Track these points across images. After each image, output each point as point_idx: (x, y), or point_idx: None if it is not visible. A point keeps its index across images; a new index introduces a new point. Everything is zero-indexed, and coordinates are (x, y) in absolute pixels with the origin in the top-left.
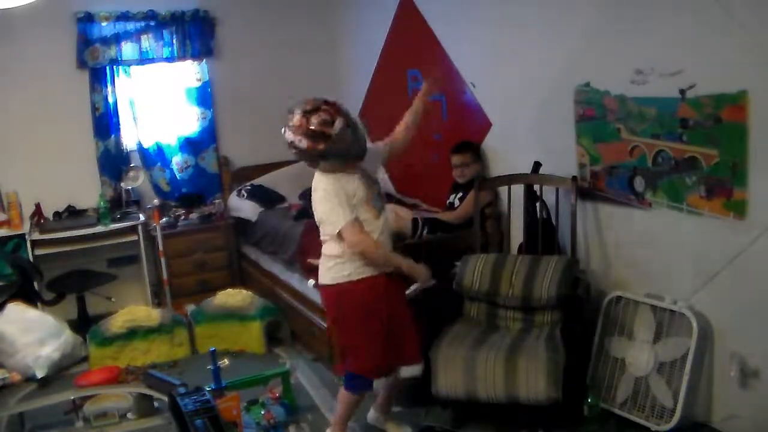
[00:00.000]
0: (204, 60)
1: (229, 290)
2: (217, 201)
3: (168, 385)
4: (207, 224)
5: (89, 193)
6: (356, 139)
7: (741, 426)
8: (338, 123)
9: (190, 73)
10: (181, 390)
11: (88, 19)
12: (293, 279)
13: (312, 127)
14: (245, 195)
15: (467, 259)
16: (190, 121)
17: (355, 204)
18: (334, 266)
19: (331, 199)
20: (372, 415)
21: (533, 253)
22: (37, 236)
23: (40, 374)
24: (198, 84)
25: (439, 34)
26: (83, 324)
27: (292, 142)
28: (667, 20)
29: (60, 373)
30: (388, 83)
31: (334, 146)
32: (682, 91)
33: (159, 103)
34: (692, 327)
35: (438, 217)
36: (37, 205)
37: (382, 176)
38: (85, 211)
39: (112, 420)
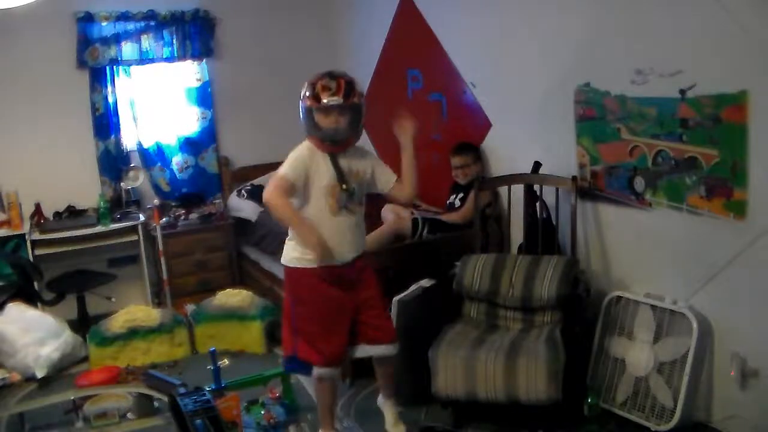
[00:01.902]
0: (204, 60)
1: (229, 290)
2: (217, 201)
3: (168, 385)
4: (207, 224)
5: (89, 193)
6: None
7: (741, 426)
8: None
9: (190, 73)
10: (181, 390)
11: (88, 19)
12: None
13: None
14: (245, 195)
15: (467, 259)
16: (190, 121)
17: (311, 183)
18: (288, 246)
19: (289, 159)
20: (379, 399)
21: (533, 253)
22: (37, 236)
23: (40, 374)
24: (198, 84)
25: (439, 34)
26: (83, 324)
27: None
28: (667, 20)
29: (60, 373)
30: (388, 83)
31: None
32: (682, 91)
33: (159, 103)
34: (692, 327)
35: (439, 218)
36: (37, 205)
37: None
38: (85, 211)
39: (112, 420)
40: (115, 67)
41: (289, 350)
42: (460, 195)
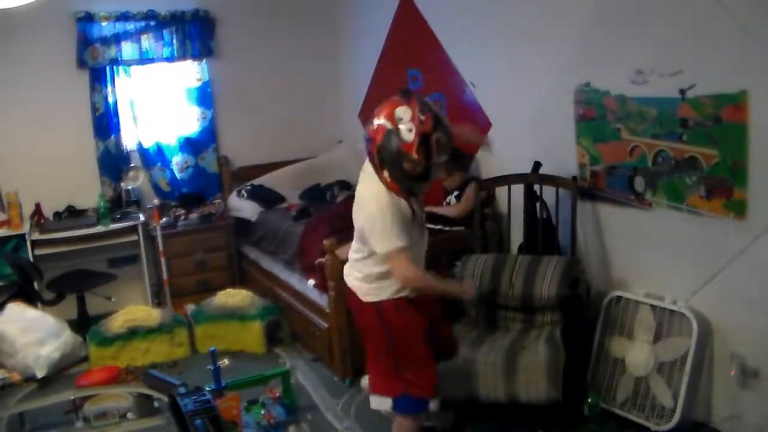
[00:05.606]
0: (204, 60)
1: (229, 290)
2: (217, 201)
3: (168, 385)
4: (207, 224)
5: (89, 193)
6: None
7: (741, 426)
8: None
9: (190, 73)
10: (181, 390)
11: (88, 19)
12: (293, 279)
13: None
14: (245, 195)
15: (467, 259)
16: (190, 121)
17: (406, 224)
18: (378, 288)
19: (386, 216)
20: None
21: (533, 253)
22: (37, 236)
23: (40, 374)
24: (198, 84)
25: (439, 34)
26: (83, 324)
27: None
28: (667, 20)
29: (60, 373)
30: (388, 83)
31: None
32: (682, 91)
33: (159, 103)
34: (692, 327)
35: (433, 211)
36: (37, 205)
37: None
38: (85, 211)
39: (112, 420)
40: (115, 67)
41: (398, 389)
42: (456, 194)
